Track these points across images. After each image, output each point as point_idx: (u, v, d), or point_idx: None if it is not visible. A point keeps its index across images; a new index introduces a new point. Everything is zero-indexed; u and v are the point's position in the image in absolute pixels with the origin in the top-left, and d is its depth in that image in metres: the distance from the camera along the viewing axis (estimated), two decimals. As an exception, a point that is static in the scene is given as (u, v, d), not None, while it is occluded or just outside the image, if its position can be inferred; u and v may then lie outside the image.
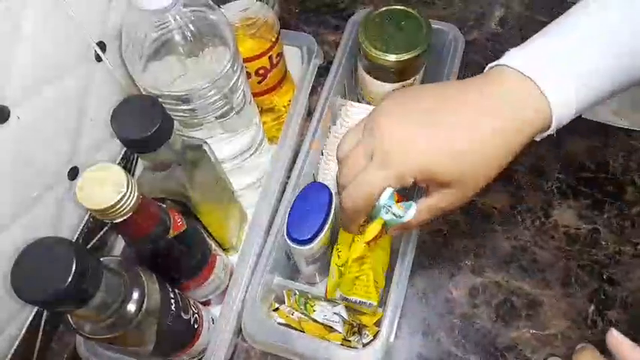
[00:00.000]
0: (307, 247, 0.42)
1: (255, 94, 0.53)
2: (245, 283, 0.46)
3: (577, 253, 0.53)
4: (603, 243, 0.53)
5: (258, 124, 0.52)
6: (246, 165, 0.53)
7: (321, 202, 0.42)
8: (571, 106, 0.32)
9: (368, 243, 0.40)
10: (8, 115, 0.39)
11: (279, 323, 0.48)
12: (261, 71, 0.52)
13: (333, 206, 0.43)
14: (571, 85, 0.32)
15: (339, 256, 0.43)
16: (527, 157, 0.58)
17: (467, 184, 0.33)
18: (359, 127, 0.37)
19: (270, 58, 0.51)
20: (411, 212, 0.35)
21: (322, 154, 0.52)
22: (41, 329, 0.49)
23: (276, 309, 0.49)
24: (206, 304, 0.49)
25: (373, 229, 0.38)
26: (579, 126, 0.59)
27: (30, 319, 0.47)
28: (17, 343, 0.46)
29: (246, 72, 0.50)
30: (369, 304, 0.44)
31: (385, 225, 0.38)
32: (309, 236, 0.41)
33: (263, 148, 0.54)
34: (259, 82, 0.54)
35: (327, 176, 0.51)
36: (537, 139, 0.34)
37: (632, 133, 0.58)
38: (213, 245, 0.46)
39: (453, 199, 0.34)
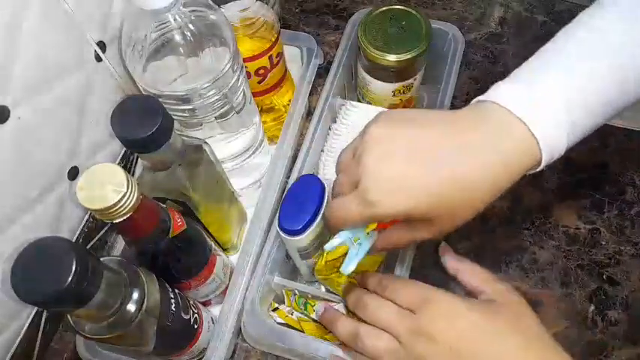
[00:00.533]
0: (298, 237, 0.42)
1: (255, 94, 0.53)
2: (245, 283, 0.46)
3: (577, 253, 0.53)
4: (603, 243, 0.53)
5: (258, 124, 0.52)
6: (246, 165, 0.53)
7: (313, 194, 0.42)
8: (561, 145, 0.32)
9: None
10: (8, 115, 0.39)
11: (279, 323, 0.48)
12: (261, 71, 0.52)
13: (326, 198, 0.42)
14: (562, 124, 0.31)
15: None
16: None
17: (445, 224, 0.33)
18: (354, 144, 0.36)
19: (270, 58, 0.51)
20: (365, 247, 0.37)
21: (322, 153, 0.52)
22: (41, 329, 0.49)
23: (276, 309, 0.49)
24: (206, 304, 0.49)
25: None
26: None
27: (30, 319, 0.47)
28: (17, 343, 0.46)
29: (246, 72, 0.50)
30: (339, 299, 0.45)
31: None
32: (299, 227, 0.41)
33: (263, 148, 0.54)
34: (259, 82, 0.54)
35: (327, 175, 0.51)
36: (533, 171, 0.34)
37: (632, 133, 0.58)
38: (213, 245, 0.46)
39: (426, 234, 0.34)
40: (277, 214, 0.43)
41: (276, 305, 0.49)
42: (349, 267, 0.37)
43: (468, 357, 0.33)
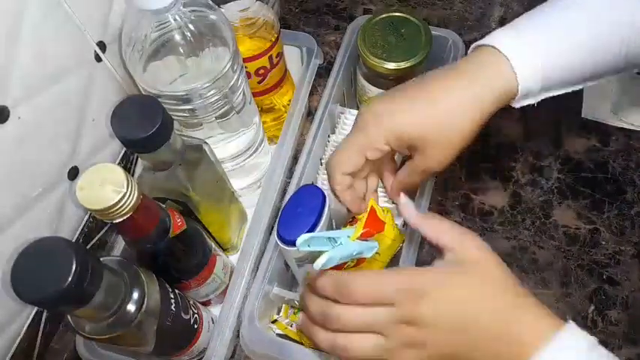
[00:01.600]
0: (295, 248, 0.40)
1: (255, 94, 0.53)
2: (245, 283, 0.46)
3: (577, 253, 0.53)
4: (603, 243, 0.53)
5: (258, 124, 0.52)
6: (246, 165, 0.53)
7: (313, 205, 0.42)
8: (536, 84, 0.36)
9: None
10: (8, 115, 0.39)
11: (278, 335, 0.47)
12: (261, 71, 0.52)
13: (326, 210, 0.42)
14: (538, 65, 0.36)
15: None
16: (527, 157, 0.58)
17: (439, 146, 0.37)
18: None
19: (270, 58, 0.51)
20: (321, 260, 0.36)
21: (321, 163, 0.52)
22: (41, 329, 0.49)
23: (275, 321, 0.48)
24: (206, 304, 0.49)
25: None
26: (579, 126, 0.59)
27: (30, 319, 0.47)
28: (17, 343, 0.46)
29: (246, 72, 0.50)
30: None
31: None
32: (297, 237, 0.39)
33: (263, 148, 0.54)
34: (259, 82, 0.54)
35: (326, 185, 0.50)
36: (514, 105, 0.38)
37: (632, 133, 0.58)
38: (213, 245, 0.46)
39: (429, 160, 0.38)
40: (276, 223, 0.43)
41: (275, 317, 0.49)
42: (320, 261, 0.36)
43: (449, 329, 0.33)
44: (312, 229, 0.41)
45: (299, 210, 0.42)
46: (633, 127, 0.58)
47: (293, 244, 0.41)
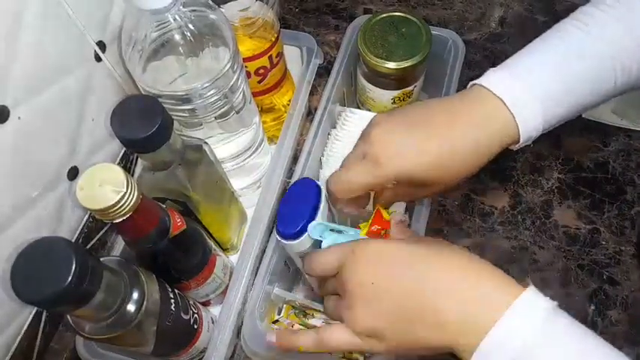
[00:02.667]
0: (296, 241, 0.41)
1: (255, 94, 0.53)
2: (245, 283, 0.45)
3: (577, 253, 0.53)
4: (603, 243, 0.53)
5: (258, 124, 0.52)
6: (246, 165, 0.53)
7: (309, 197, 0.42)
8: (537, 124, 0.37)
9: None
10: (8, 115, 0.39)
11: None
12: (261, 71, 0.52)
13: (323, 198, 0.42)
14: (537, 106, 0.36)
15: None
16: (527, 157, 0.58)
17: (439, 186, 0.39)
18: (357, 144, 0.42)
19: (270, 57, 0.51)
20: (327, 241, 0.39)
21: (322, 158, 0.52)
22: (41, 329, 0.49)
23: (276, 321, 0.48)
24: (206, 304, 0.49)
25: None
26: (579, 126, 0.59)
27: (30, 319, 0.47)
28: (17, 343, 0.46)
29: (246, 72, 0.50)
30: None
31: None
32: (296, 230, 0.40)
33: (263, 148, 0.54)
34: (259, 82, 0.54)
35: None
36: (513, 149, 0.39)
37: (632, 133, 0.58)
38: (213, 245, 0.45)
39: (429, 193, 0.41)
40: (275, 222, 0.42)
41: (276, 317, 0.49)
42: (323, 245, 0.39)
43: (390, 289, 0.33)
44: (309, 221, 0.40)
45: (296, 204, 0.42)
46: (633, 127, 0.58)
47: (293, 237, 0.41)
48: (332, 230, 0.40)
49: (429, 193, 0.41)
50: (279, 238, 0.41)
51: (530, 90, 0.36)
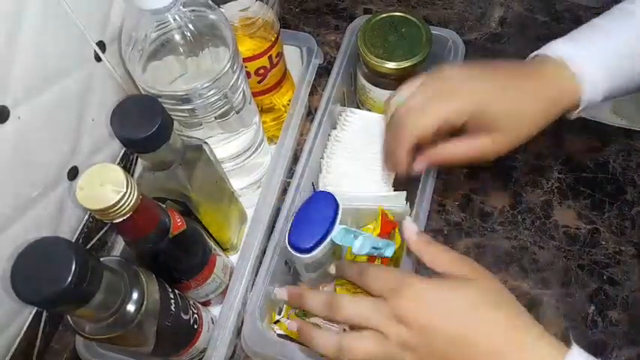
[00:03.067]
0: (307, 255, 0.41)
1: (255, 94, 0.53)
2: (245, 283, 0.45)
3: (577, 253, 0.53)
4: (603, 243, 0.53)
5: (258, 124, 0.52)
6: (246, 165, 0.53)
7: (327, 213, 0.42)
8: (597, 93, 0.39)
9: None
10: (8, 115, 0.39)
11: (280, 335, 0.47)
12: (261, 71, 0.52)
13: (338, 219, 0.42)
14: (600, 74, 0.38)
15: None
16: (527, 157, 0.58)
17: (510, 134, 0.39)
18: (415, 83, 0.42)
19: (270, 57, 0.51)
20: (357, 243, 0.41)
21: (322, 159, 0.52)
22: (41, 329, 0.49)
23: (277, 321, 0.48)
24: (206, 304, 0.49)
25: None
26: (579, 126, 0.59)
27: (30, 319, 0.47)
28: (17, 343, 0.46)
29: (246, 72, 0.50)
30: None
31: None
32: (309, 245, 0.41)
33: (263, 148, 0.54)
34: (259, 82, 0.54)
35: (327, 179, 0.49)
36: (571, 117, 0.41)
37: (632, 133, 0.58)
38: (213, 245, 0.45)
39: (492, 145, 0.40)
40: (287, 231, 0.43)
41: (277, 317, 0.49)
42: (357, 243, 0.41)
43: (440, 333, 0.33)
44: (323, 237, 0.41)
45: (312, 217, 0.42)
46: (633, 127, 0.58)
47: (303, 251, 0.41)
48: (349, 233, 0.41)
49: (493, 148, 0.40)
50: (290, 250, 0.42)
51: (593, 58, 0.39)
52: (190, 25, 0.39)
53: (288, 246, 0.42)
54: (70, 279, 0.27)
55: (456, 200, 0.56)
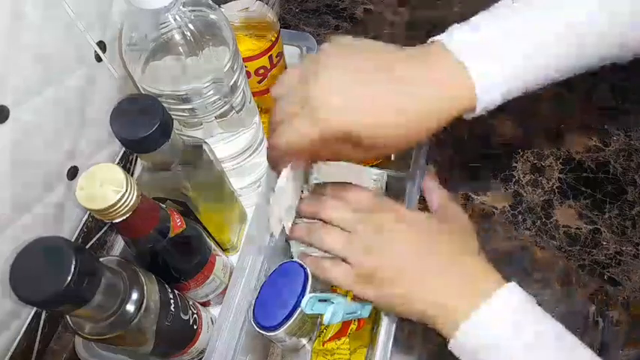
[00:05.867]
0: (272, 333, 0.40)
1: (255, 94, 0.53)
2: (245, 283, 0.45)
3: (577, 253, 0.53)
4: (604, 243, 0.53)
5: (258, 124, 0.52)
6: (246, 165, 0.53)
7: (293, 287, 0.40)
8: (496, 93, 0.34)
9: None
10: (8, 115, 0.39)
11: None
12: (261, 71, 0.52)
13: (307, 291, 0.40)
14: (498, 74, 0.33)
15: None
16: (527, 157, 0.58)
17: (381, 149, 0.36)
18: (295, 72, 0.37)
19: (270, 57, 0.51)
20: (329, 313, 0.40)
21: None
22: (40, 329, 0.49)
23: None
24: (206, 304, 0.49)
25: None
26: (580, 126, 0.59)
27: (29, 319, 0.47)
28: (16, 343, 0.46)
29: (246, 72, 0.50)
30: None
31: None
32: (274, 324, 0.39)
33: (263, 148, 0.54)
34: (259, 82, 0.54)
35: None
36: (467, 117, 0.35)
37: (632, 133, 0.58)
38: (213, 245, 0.45)
39: (362, 155, 0.37)
40: (252, 305, 0.41)
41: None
42: (327, 315, 0.40)
43: (405, 249, 0.37)
44: (290, 315, 0.39)
45: (279, 292, 0.41)
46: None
47: (268, 329, 0.39)
48: (320, 300, 0.40)
49: (372, 155, 0.38)
50: (255, 327, 0.40)
51: (495, 57, 0.33)
52: (190, 25, 0.39)
53: (254, 324, 0.40)
54: (69, 279, 0.27)
55: (456, 200, 0.56)
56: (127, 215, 0.31)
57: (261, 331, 0.40)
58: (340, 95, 0.33)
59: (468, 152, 0.58)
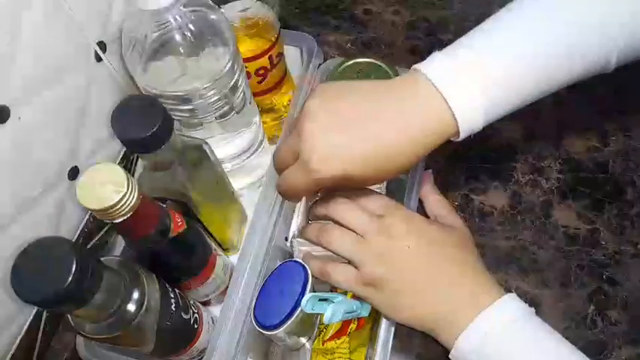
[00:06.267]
0: (272, 333, 0.40)
1: (255, 94, 0.53)
2: (245, 283, 0.45)
3: (577, 253, 0.53)
4: (603, 243, 0.53)
5: (258, 124, 0.52)
6: (246, 165, 0.53)
7: (294, 287, 0.40)
8: (478, 119, 0.35)
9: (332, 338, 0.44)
10: (8, 115, 0.39)
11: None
12: (261, 71, 0.52)
13: (307, 291, 0.40)
14: (478, 101, 0.34)
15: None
16: (526, 157, 0.58)
17: (371, 183, 0.41)
18: (295, 120, 0.42)
19: (270, 58, 0.51)
20: (328, 313, 0.40)
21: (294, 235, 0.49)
22: (41, 329, 0.49)
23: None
24: (206, 304, 0.49)
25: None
26: (579, 126, 0.59)
27: (30, 319, 0.47)
28: (17, 343, 0.46)
29: (246, 72, 0.50)
30: None
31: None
32: (274, 323, 0.40)
33: (263, 148, 0.54)
34: (259, 82, 0.54)
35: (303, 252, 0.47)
36: (455, 140, 0.37)
37: (632, 133, 0.58)
38: (213, 245, 0.46)
39: (358, 187, 0.42)
40: (253, 304, 0.42)
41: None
42: (327, 314, 0.40)
43: (412, 259, 0.38)
44: (290, 314, 0.40)
45: (279, 292, 0.41)
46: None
47: (268, 328, 0.40)
48: (320, 299, 0.40)
49: (368, 186, 0.43)
50: (256, 327, 0.41)
51: (473, 83, 0.34)
52: (191, 26, 0.39)
53: (254, 323, 0.41)
54: (70, 279, 0.27)
55: (456, 200, 0.56)
56: (128, 215, 0.32)
57: (261, 331, 0.40)
58: (326, 146, 0.36)
59: (467, 152, 0.58)
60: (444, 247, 0.40)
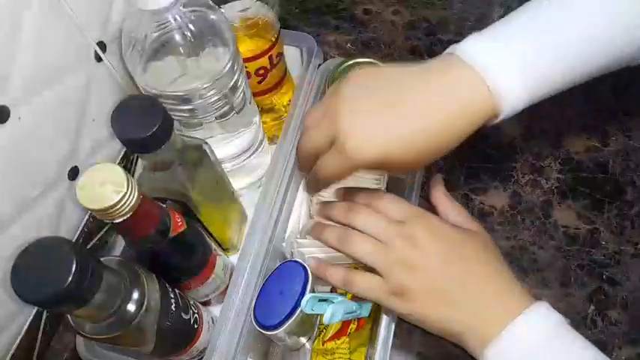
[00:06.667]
0: (272, 333, 0.40)
1: (255, 94, 0.53)
2: (245, 283, 0.45)
3: (576, 253, 0.53)
4: (603, 243, 0.53)
5: (258, 124, 0.52)
6: (246, 165, 0.53)
7: (294, 287, 0.40)
8: (519, 100, 0.34)
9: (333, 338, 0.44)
10: (8, 115, 0.39)
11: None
12: (261, 71, 0.52)
13: (307, 291, 0.40)
14: (518, 81, 0.33)
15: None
16: (527, 157, 0.58)
17: (411, 167, 0.40)
18: (324, 104, 0.39)
19: (270, 58, 0.51)
20: (327, 314, 0.40)
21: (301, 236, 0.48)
22: (41, 329, 0.49)
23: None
24: (206, 304, 0.49)
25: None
26: (579, 126, 0.59)
27: (30, 319, 0.47)
28: (17, 343, 0.46)
29: (246, 72, 0.50)
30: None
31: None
32: (274, 323, 0.40)
33: (263, 148, 0.54)
34: (259, 82, 0.54)
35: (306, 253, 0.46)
36: (492, 123, 0.36)
37: (632, 133, 0.58)
38: (213, 245, 0.46)
39: (394, 173, 0.43)
40: (253, 304, 0.42)
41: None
42: (327, 315, 0.40)
43: (439, 267, 0.38)
44: (290, 315, 0.40)
45: (279, 292, 0.41)
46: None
47: (268, 328, 0.40)
48: (320, 300, 0.40)
49: (401, 171, 0.43)
50: (256, 327, 0.41)
51: (513, 64, 0.33)
52: (191, 26, 0.39)
53: (254, 323, 0.41)
54: (70, 279, 0.27)
55: (456, 200, 0.56)
56: (128, 215, 0.32)
57: (261, 331, 0.40)
58: (365, 127, 0.35)
59: (467, 152, 0.58)
60: (469, 253, 0.39)
